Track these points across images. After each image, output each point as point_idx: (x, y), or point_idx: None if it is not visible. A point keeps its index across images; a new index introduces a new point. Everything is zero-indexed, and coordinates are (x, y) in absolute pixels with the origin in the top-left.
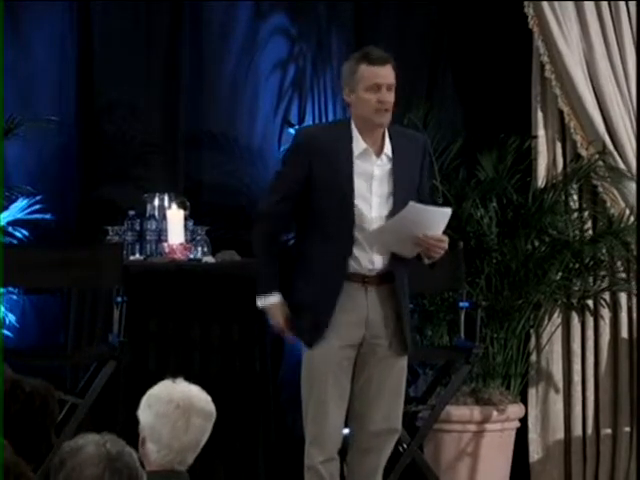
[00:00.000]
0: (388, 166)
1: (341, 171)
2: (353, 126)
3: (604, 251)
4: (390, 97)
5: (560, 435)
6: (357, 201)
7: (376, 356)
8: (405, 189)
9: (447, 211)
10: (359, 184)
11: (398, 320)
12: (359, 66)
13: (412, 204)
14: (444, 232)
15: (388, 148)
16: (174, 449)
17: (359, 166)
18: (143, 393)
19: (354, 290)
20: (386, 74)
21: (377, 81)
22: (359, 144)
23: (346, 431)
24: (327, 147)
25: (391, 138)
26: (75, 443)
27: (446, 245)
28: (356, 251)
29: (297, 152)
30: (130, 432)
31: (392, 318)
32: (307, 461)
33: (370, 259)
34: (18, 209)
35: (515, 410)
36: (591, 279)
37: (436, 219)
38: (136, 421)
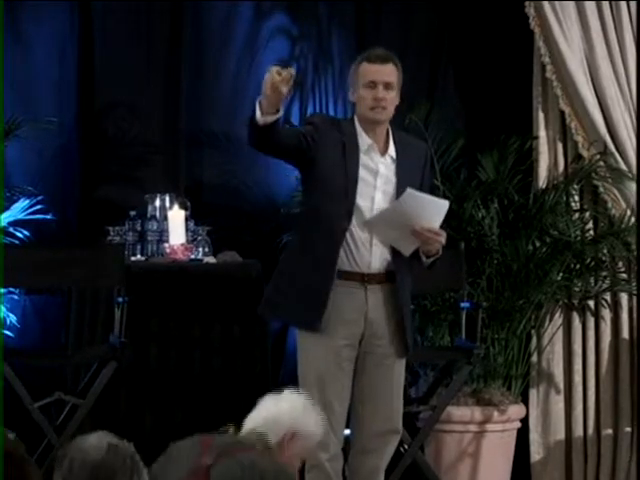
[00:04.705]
0: (392, 167)
1: (348, 161)
2: (357, 124)
3: (605, 251)
4: (387, 95)
5: (561, 435)
6: (358, 194)
7: (376, 356)
8: None
9: (444, 203)
10: (365, 175)
11: (400, 320)
12: (360, 64)
13: (410, 191)
14: (443, 228)
15: (392, 150)
16: None
17: (365, 160)
18: (144, 393)
19: (354, 289)
20: (383, 72)
21: (372, 78)
22: (364, 140)
23: (347, 432)
24: (337, 136)
25: (395, 142)
26: (78, 438)
27: (443, 240)
28: (354, 249)
29: (312, 123)
30: (131, 432)
31: (393, 318)
32: (311, 460)
33: (368, 258)
34: (19, 209)
35: (516, 410)
36: (592, 280)
37: (433, 210)
38: (137, 421)
